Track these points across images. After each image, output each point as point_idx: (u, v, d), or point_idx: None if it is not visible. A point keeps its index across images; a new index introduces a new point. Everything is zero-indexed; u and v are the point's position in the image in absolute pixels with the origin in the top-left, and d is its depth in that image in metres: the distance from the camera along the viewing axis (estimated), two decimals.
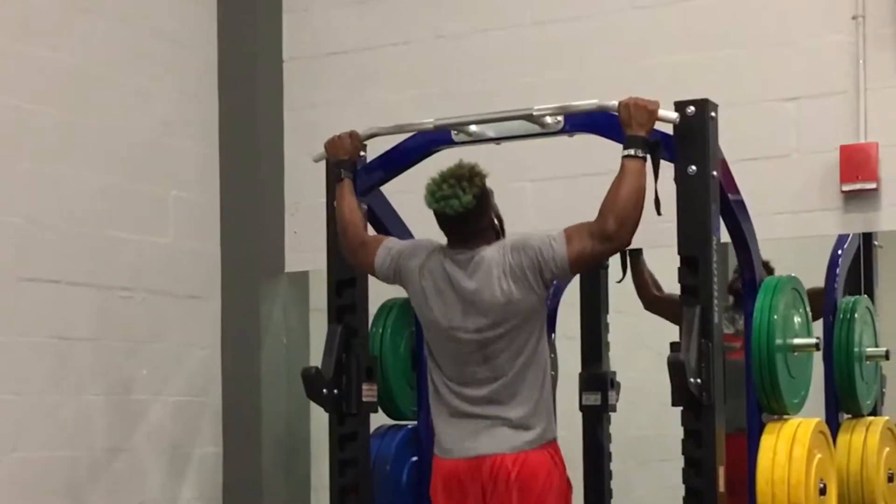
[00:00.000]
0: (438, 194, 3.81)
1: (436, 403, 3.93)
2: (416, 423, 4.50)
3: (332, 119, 5.15)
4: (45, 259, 4.78)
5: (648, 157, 3.78)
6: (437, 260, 3.90)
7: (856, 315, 4.64)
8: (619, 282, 5.27)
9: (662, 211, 3.81)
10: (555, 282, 3.93)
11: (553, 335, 4.78)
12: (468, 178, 3.82)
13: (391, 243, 4.05)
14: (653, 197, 3.81)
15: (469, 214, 3.82)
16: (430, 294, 3.88)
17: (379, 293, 4.50)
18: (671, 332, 3.90)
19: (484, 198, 3.86)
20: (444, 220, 3.87)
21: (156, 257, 5.24)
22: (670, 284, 5.09)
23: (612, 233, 3.73)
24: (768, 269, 4.76)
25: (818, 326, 4.55)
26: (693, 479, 3.74)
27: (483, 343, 3.82)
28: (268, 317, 5.54)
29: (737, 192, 4.10)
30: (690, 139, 3.81)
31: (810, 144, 4.70)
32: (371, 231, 4.27)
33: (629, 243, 3.80)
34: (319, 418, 4.68)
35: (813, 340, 4.26)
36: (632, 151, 3.75)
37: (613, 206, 3.72)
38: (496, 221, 3.96)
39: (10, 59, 4.69)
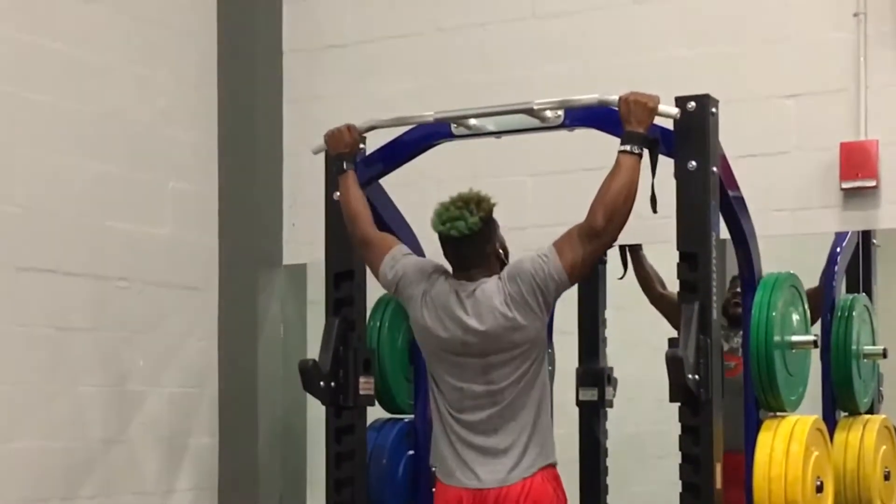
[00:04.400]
0: (445, 216, 3.80)
1: (437, 425, 3.91)
2: (412, 416, 4.50)
3: (331, 111, 5.14)
4: (43, 248, 4.77)
5: (645, 152, 3.76)
6: (440, 287, 3.87)
7: (854, 313, 4.64)
8: (621, 278, 5.27)
9: (662, 206, 3.80)
10: (558, 298, 3.91)
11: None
12: (476, 202, 3.81)
13: (397, 255, 4.00)
14: (648, 193, 3.80)
15: (475, 238, 3.80)
16: (432, 320, 3.85)
17: (377, 286, 4.48)
18: (669, 327, 3.90)
19: (490, 223, 3.85)
20: (449, 245, 3.85)
21: (153, 248, 5.23)
22: (669, 280, 5.09)
23: (601, 228, 3.71)
24: None
25: (816, 324, 4.55)
26: (690, 475, 3.73)
27: (485, 367, 3.80)
28: (265, 309, 5.54)
29: (736, 188, 4.09)
30: (691, 135, 3.80)
31: (810, 141, 4.70)
32: None
33: (617, 238, 3.78)
34: (316, 411, 4.67)
35: (811, 338, 4.26)
36: (628, 147, 3.73)
37: (603, 200, 3.70)
38: (501, 252, 3.95)
39: (8, 46, 4.68)
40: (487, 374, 3.81)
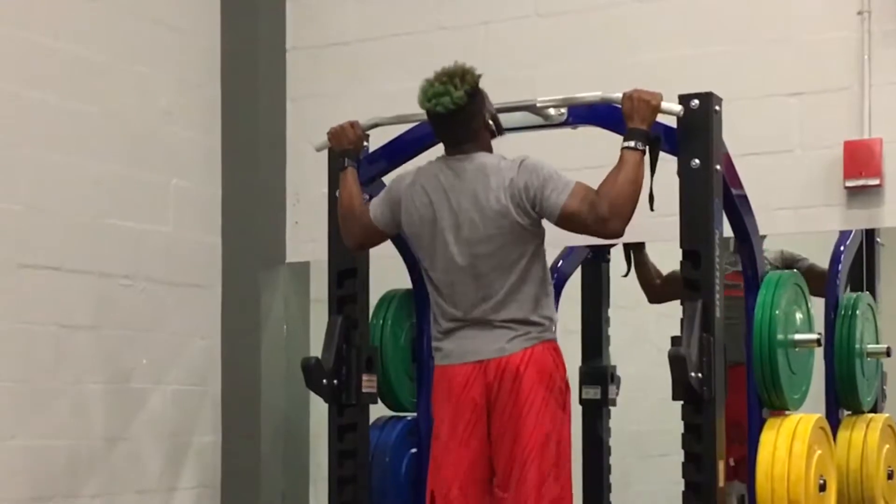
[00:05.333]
0: (430, 92, 3.78)
1: (434, 324, 3.92)
2: (415, 414, 4.50)
3: (334, 109, 5.14)
4: (46, 246, 4.77)
5: (647, 150, 3.76)
6: (429, 173, 3.87)
7: (857, 311, 4.64)
8: (625, 276, 5.26)
9: (665, 204, 3.79)
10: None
11: None
12: (461, 75, 3.78)
13: (375, 200, 4.04)
14: (648, 192, 3.79)
15: (462, 112, 3.77)
16: (423, 209, 3.85)
17: (380, 284, 4.49)
18: (672, 326, 3.89)
19: (477, 95, 3.81)
20: (436, 122, 3.84)
21: (156, 246, 5.23)
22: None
23: (605, 217, 3.67)
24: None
25: (819, 323, 4.55)
26: (693, 473, 3.74)
27: (474, 257, 3.78)
28: (268, 307, 5.53)
29: (740, 186, 4.09)
30: (694, 132, 3.80)
31: (814, 140, 4.69)
32: None
33: (621, 234, 3.76)
34: (319, 409, 4.67)
35: (814, 336, 4.26)
36: (632, 143, 3.73)
37: (609, 192, 3.68)
38: (491, 122, 3.89)
39: (12, 46, 4.68)
40: (475, 266, 3.78)
